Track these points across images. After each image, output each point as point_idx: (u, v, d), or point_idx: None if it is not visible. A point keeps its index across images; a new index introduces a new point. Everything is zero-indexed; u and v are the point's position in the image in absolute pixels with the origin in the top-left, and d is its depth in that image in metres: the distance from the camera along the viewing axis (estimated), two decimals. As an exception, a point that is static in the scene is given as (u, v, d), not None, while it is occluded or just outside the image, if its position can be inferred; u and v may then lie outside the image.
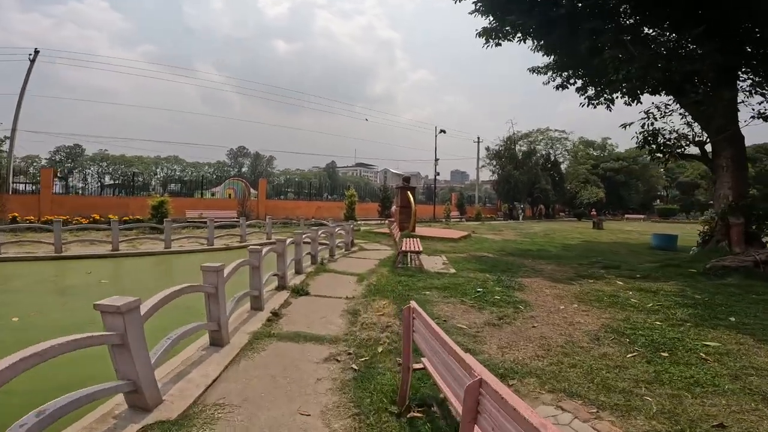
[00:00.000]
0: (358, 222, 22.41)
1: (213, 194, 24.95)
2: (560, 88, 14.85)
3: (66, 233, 10.87)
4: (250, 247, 4.93)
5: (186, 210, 18.22)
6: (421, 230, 16.82)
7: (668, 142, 11.46)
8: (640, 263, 9.90)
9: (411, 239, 9.99)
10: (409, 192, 15.75)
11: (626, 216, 53.85)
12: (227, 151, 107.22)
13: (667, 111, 11.41)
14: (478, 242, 14.44)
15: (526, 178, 37.03)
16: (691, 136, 11.25)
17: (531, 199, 39.26)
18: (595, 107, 14.87)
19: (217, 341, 3.91)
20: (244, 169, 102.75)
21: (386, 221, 22.69)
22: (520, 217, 35.84)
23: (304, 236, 7.97)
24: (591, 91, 14.82)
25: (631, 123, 11.49)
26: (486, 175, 47.77)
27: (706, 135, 10.96)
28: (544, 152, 42.88)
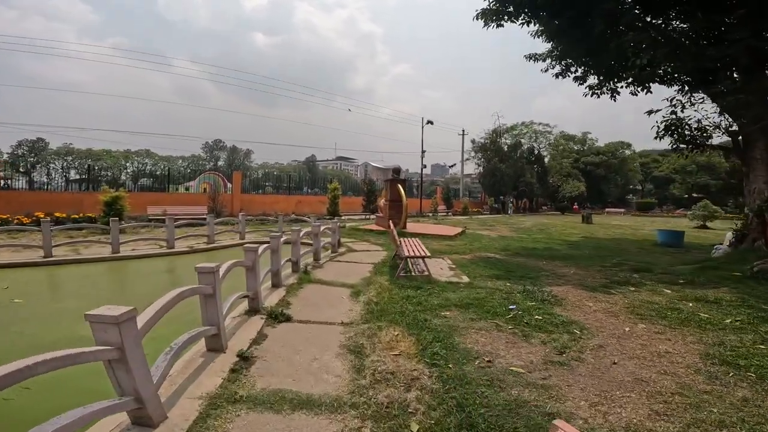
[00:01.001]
0: (343, 218, 20.83)
1: (187, 189, 22.84)
2: (559, 76, 13.92)
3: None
4: (199, 266, 3.33)
5: (148, 206, 16.15)
6: (412, 226, 15.43)
7: (694, 132, 10.43)
8: (668, 265, 8.82)
9: (410, 240, 8.56)
10: (399, 185, 14.30)
11: (607, 210, 54.33)
12: (202, 144, 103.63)
13: (693, 100, 10.37)
14: (476, 239, 13.17)
15: (512, 171, 36.25)
16: (722, 126, 10.24)
17: (516, 192, 38.57)
18: (599, 97, 14.10)
19: (142, 420, 2.37)
20: (220, 163, 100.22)
21: (374, 216, 21.22)
22: (510, 211, 35.09)
23: (283, 239, 6.39)
24: (593, 80, 13.95)
25: (658, 110, 10.40)
26: (470, 168, 46.94)
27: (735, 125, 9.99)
28: (527, 146, 42.22)
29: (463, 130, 39.92)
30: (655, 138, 10.79)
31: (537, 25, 12.51)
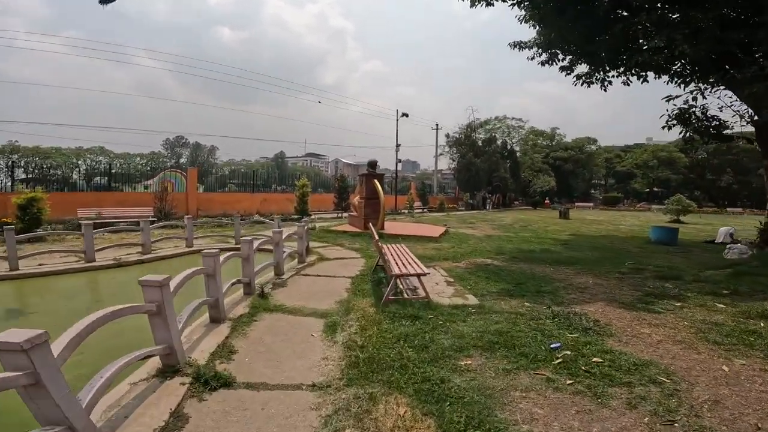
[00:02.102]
0: (313, 217, 18.99)
1: (146, 187, 20.43)
2: (546, 64, 13.00)
3: None
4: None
5: (78, 209, 13.67)
6: (390, 226, 13.90)
7: (707, 122, 9.50)
8: (688, 268, 7.74)
9: (396, 248, 6.98)
10: (375, 180, 12.71)
11: (576, 204, 55.20)
12: (163, 140, 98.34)
13: (702, 88, 9.42)
14: (462, 240, 11.81)
15: (487, 166, 35.50)
16: (747, 116, 9.34)
17: (491, 187, 37.91)
18: (589, 86, 13.29)
19: None
20: (182, 160, 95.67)
21: (347, 215, 19.51)
22: (489, 207, 34.32)
23: (226, 256, 4.66)
24: (582, 69, 13.11)
25: (677, 96, 9.38)
26: (443, 163, 46.03)
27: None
28: (500, 141, 41.73)
29: (437, 125, 38.84)
30: (664, 127, 9.80)
31: (529, 5, 11.35)
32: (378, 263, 7.16)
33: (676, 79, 10.94)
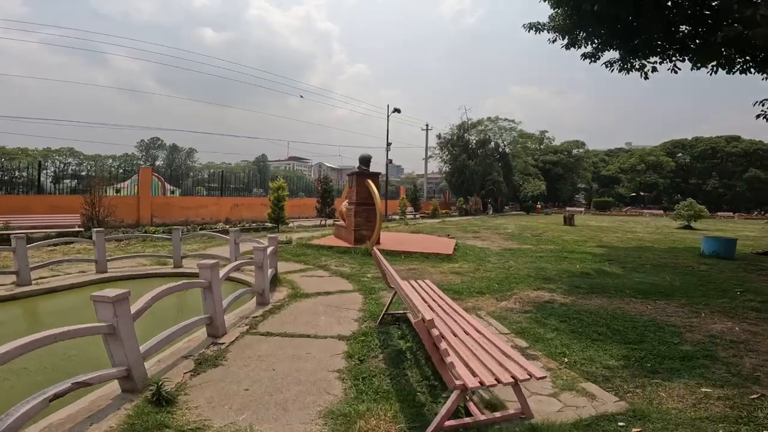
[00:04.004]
0: (291, 225, 16.07)
1: (118, 191, 17.45)
2: (569, 48, 11.44)
3: None
4: None
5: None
6: (386, 238, 11.17)
7: None
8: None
9: (426, 291, 4.22)
10: (370, 181, 9.96)
11: (567, 209, 53.69)
12: (137, 142, 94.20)
13: None
14: (481, 258, 9.19)
15: (481, 168, 33.23)
16: None
17: (484, 191, 35.66)
18: (628, 72, 11.46)
19: None
20: (158, 163, 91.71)
21: (332, 223, 16.57)
22: (490, 211, 32.04)
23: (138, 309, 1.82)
24: (611, 55, 11.46)
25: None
26: (432, 166, 43.66)
27: None
28: (494, 142, 39.62)
29: (427, 125, 36.39)
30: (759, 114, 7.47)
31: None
32: (388, 310, 4.41)
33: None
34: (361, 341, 3.81)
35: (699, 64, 10.78)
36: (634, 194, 68.90)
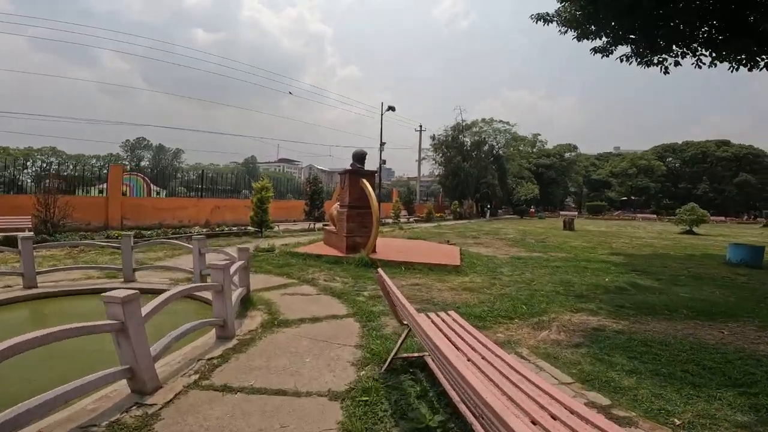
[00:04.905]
0: (276, 229, 14.75)
1: (101, 191, 16.10)
2: (579, 39, 10.77)
3: None
4: None
5: None
6: (383, 246, 9.96)
7: None
8: None
9: (450, 329, 3.01)
10: (365, 180, 8.76)
11: (561, 213, 53.14)
12: (122, 142, 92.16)
13: None
14: (491, 269, 8.04)
15: (476, 171, 32.26)
16: None
17: (479, 195, 34.69)
18: (647, 67, 10.66)
19: None
20: (144, 163, 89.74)
21: (321, 227, 15.18)
22: (488, 215, 31.09)
23: None
24: (624, 49, 10.72)
25: None
26: (425, 168, 42.65)
27: None
28: (488, 145, 38.72)
29: (421, 126, 35.35)
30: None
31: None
32: (398, 353, 3.18)
33: None
34: (364, 405, 2.59)
35: (720, 60, 10.14)
36: (625, 198, 69.03)
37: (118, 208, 14.36)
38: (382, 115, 22.27)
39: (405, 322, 2.98)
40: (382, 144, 22.86)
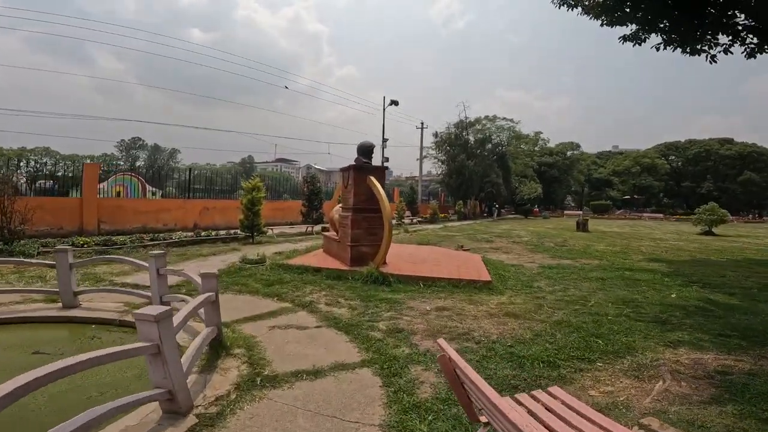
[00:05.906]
0: (269, 233, 13.38)
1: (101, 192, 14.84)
2: (612, 25, 10.11)
3: None
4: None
5: None
6: (392, 251, 8.59)
7: None
8: None
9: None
10: (373, 178, 7.42)
11: (565, 212, 51.99)
12: (117, 142, 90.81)
13: None
14: (526, 285, 6.72)
15: (480, 169, 30.96)
16: None
17: (483, 194, 33.41)
18: (691, 55, 9.89)
19: None
20: (139, 164, 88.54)
21: (318, 231, 13.79)
22: (495, 215, 29.82)
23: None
24: (656, 39, 9.90)
25: None
26: (427, 167, 41.37)
27: None
28: (492, 143, 37.41)
29: (422, 123, 34.03)
30: None
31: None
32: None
33: None
34: None
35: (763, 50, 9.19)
36: (627, 197, 67.90)
37: (94, 210, 12.96)
38: (384, 110, 20.96)
39: (485, 419, 1.67)
40: (384, 140, 21.55)
